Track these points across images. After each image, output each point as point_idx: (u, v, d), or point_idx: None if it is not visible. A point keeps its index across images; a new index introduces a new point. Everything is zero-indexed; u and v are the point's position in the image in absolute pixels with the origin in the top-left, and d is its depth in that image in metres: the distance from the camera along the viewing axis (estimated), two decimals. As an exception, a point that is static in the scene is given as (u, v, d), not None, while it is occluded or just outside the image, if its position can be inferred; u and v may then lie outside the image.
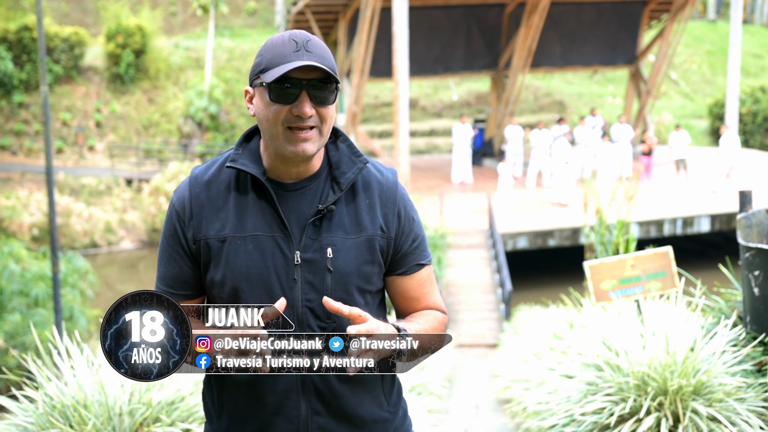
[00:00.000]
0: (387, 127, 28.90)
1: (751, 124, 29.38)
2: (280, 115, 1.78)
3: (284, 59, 1.76)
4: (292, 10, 21.47)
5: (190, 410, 3.42)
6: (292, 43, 1.78)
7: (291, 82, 1.76)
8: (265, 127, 1.81)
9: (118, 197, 23.99)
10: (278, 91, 1.77)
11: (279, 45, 1.79)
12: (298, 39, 1.78)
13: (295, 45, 1.77)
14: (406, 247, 1.92)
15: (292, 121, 1.77)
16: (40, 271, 11.30)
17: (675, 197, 18.21)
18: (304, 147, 1.79)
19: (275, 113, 1.78)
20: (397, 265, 1.92)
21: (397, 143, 17.29)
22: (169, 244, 1.89)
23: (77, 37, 27.82)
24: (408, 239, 1.92)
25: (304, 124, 1.78)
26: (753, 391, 3.58)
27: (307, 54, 1.77)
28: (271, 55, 1.79)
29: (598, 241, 8.15)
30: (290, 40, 1.78)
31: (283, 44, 1.79)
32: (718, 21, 38.21)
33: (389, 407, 1.94)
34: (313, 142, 1.80)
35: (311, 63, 1.74)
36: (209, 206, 1.86)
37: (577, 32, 23.85)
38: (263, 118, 1.81)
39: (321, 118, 1.80)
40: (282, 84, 1.76)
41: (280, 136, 1.79)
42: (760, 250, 3.67)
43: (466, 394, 7.12)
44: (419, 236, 1.95)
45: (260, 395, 1.84)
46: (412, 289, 1.94)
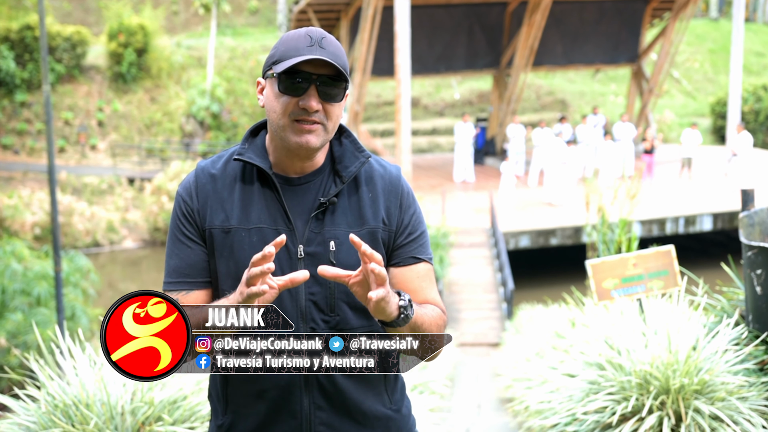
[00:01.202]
0: (389, 125, 28.89)
1: (754, 122, 29.34)
2: (288, 107, 1.80)
3: (297, 52, 1.78)
4: (294, 8, 21.47)
5: (192, 409, 3.42)
6: (307, 38, 1.80)
7: (301, 76, 1.78)
8: (273, 118, 1.83)
9: (120, 196, 24.01)
10: (288, 83, 1.79)
11: (294, 39, 1.81)
12: (313, 35, 1.81)
13: (310, 40, 1.80)
14: (404, 238, 1.92)
15: (299, 113, 1.79)
16: (42, 271, 11.29)
17: (677, 196, 18.20)
18: (308, 138, 1.80)
19: (283, 104, 1.80)
20: (396, 256, 1.92)
21: (399, 142, 17.29)
22: (181, 233, 1.88)
23: (79, 36, 27.83)
24: (406, 231, 1.92)
25: (310, 117, 1.79)
26: (755, 390, 3.58)
27: (320, 50, 1.79)
28: (285, 47, 1.81)
29: (600, 240, 8.14)
30: (306, 35, 1.81)
31: (298, 38, 1.81)
32: (721, 19, 38.16)
33: (392, 404, 1.94)
34: (317, 136, 1.81)
35: (322, 58, 1.76)
36: (215, 197, 1.87)
37: (579, 31, 23.83)
38: (271, 108, 1.83)
39: (327, 114, 1.81)
40: (292, 76, 1.78)
41: (287, 127, 1.81)
42: (763, 248, 3.66)
43: (467, 393, 7.12)
44: (419, 231, 1.94)
45: (263, 391, 1.84)
46: (410, 281, 1.92)
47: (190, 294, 1.86)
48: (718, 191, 18.47)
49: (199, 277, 1.87)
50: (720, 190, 18.52)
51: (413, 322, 1.78)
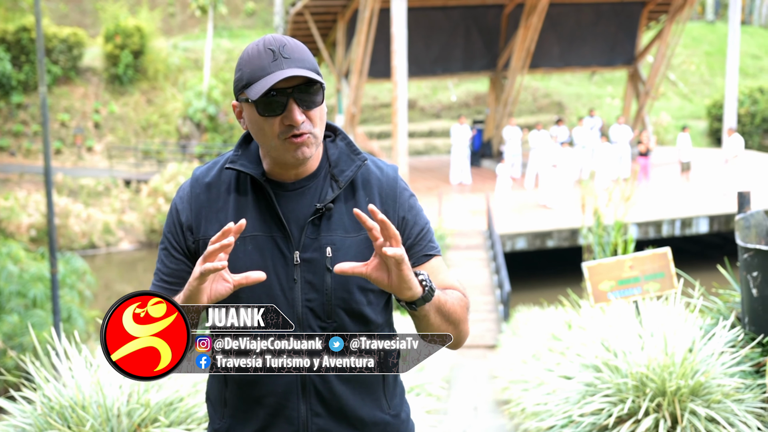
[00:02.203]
0: (386, 128, 28.91)
1: (750, 125, 29.41)
2: (274, 128, 1.76)
3: (263, 71, 1.74)
4: (291, 10, 21.47)
5: (189, 411, 3.42)
6: (269, 53, 1.75)
7: (276, 92, 1.74)
8: (262, 141, 1.81)
9: (116, 198, 23.99)
10: (265, 105, 1.75)
11: (256, 57, 1.77)
12: (273, 47, 1.76)
13: (272, 54, 1.75)
14: (411, 241, 1.90)
15: (286, 131, 1.76)
16: (39, 272, 11.29)
17: (673, 198, 18.22)
18: (303, 151, 1.78)
19: (268, 126, 1.77)
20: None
21: (395, 144, 17.30)
22: (169, 241, 1.90)
23: (76, 37, 27.81)
24: (413, 232, 1.90)
25: (298, 131, 1.76)
26: (751, 392, 3.58)
27: (286, 61, 1.75)
28: (249, 69, 1.77)
29: (596, 242, 8.15)
30: (266, 50, 1.76)
31: (259, 55, 1.76)
32: (717, 22, 38.25)
33: (390, 410, 1.93)
34: (310, 145, 1.79)
35: (292, 73, 1.73)
36: (209, 207, 1.86)
37: (575, 33, 23.86)
38: (257, 132, 1.80)
39: (312, 121, 1.79)
40: (267, 97, 1.75)
41: (279, 147, 1.78)
42: (759, 251, 3.67)
43: (464, 395, 7.12)
44: (424, 228, 1.92)
45: (260, 396, 1.84)
46: None
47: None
48: (715, 194, 18.51)
49: (179, 287, 1.87)
50: (716, 193, 18.56)
51: (438, 302, 1.77)
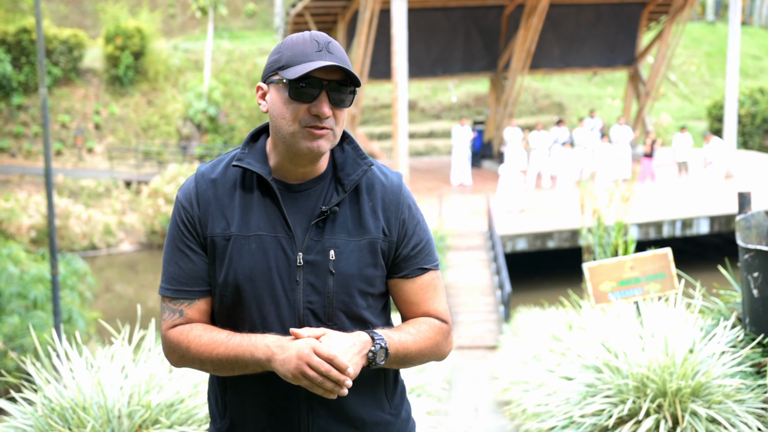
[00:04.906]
0: (386, 129, 28.91)
1: (750, 125, 29.40)
2: (298, 114, 1.76)
3: (306, 58, 1.75)
4: (291, 12, 21.47)
5: (189, 412, 3.41)
6: (314, 42, 1.77)
7: (312, 82, 1.75)
8: (281, 124, 1.79)
9: (117, 199, 23.98)
10: (298, 90, 1.75)
11: (300, 43, 1.78)
12: (319, 39, 1.78)
13: (317, 45, 1.76)
14: (408, 251, 1.90)
15: (310, 120, 1.76)
16: (39, 274, 11.28)
17: (674, 199, 18.22)
18: (320, 143, 1.77)
19: (293, 111, 1.76)
20: (399, 268, 1.90)
21: (396, 145, 17.30)
22: (181, 241, 1.85)
23: (76, 39, 27.82)
24: (410, 243, 1.90)
25: (321, 123, 1.76)
26: (752, 393, 3.58)
27: (329, 55, 1.76)
28: (291, 52, 1.77)
29: (597, 243, 8.15)
30: (312, 40, 1.78)
31: (304, 43, 1.77)
32: (717, 22, 38.25)
33: (391, 409, 1.93)
34: (327, 141, 1.79)
35: (335, 64, 1.73)
36: (215, 204, 1.84)
37: (576, 34, 23.87)
38: (279, 114, 1.79)
39: (336, 120, 1.79)
40: (303, 82, 1.75)
41: (297, 133, 1.77)
42: (759, 251, 3.67)
43: (465, 396, 7.12)
44: (423, 240, 1.92)
45: (262, 397, 1.84)
46: (413, 294, 1.91)
47: (193, 305, 1.84)
48: (715, 194, 18.51)
49: (197, 287, 1.84)
50: (716, 193, 18.56)
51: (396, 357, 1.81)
